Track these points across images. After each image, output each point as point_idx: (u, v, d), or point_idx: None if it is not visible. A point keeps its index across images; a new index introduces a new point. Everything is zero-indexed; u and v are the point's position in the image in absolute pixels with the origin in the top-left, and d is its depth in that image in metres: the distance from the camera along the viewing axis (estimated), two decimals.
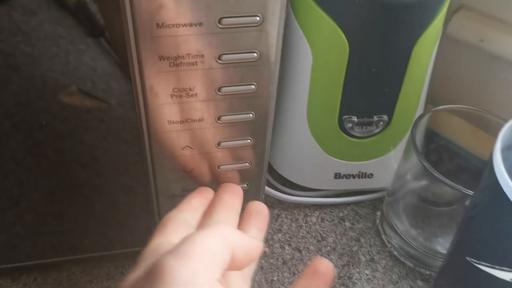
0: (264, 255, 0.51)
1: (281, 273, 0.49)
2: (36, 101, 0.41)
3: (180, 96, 0.32)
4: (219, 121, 0.34)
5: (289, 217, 0.53)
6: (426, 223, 0.50)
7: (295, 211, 0.54)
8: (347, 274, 0.49)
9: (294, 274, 0.50)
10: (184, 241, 0.27)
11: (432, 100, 0.54)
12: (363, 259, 0.50)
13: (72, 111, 0.43)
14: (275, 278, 0.49)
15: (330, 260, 0.51)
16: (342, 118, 0.46)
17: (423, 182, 0.49)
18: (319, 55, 0.43)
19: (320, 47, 0.43)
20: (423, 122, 0.48)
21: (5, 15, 0.37)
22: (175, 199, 0.40)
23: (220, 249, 0.27)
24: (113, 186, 0.53)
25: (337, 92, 0.45)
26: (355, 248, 0.51)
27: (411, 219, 0.50)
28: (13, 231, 0.49)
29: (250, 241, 0.30)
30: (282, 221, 0.53)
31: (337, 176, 0.51)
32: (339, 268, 0.50)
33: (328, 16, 0.40)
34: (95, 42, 0.41)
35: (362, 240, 0.52)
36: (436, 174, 0.42)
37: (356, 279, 0.49)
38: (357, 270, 0.50)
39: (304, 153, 0.51)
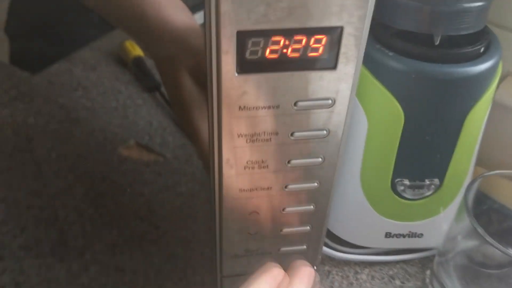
0: None
1: None
2: (97, 154, 0.44)
3: (253, 168, 0.34)
4: (286, 189, 0.36)
5: (340, 274, 0.54)
6: (476, 284, 0.50)
7: (345, 268, 0.54)
8: None
9: None
10: None
11: (481, 161, 0.54)
12: None
13: (131, 164, 0.46)
14: None
15: None
16: (395, 182, 0.48)
17: (474, 243, 0.49)
18: (374, 124, 0.45)
19: (376, 116, 0.45)
20: (475, 186, 0.49)
21: (66, 70, 0.40)
22: (238, 258, 0.42)
23: None
24: (171, 239, 0.55)
25: (390, 157, 0.47)
26: None
27: (461, 279, 0.50)
28: (78, 282, 0.51)
29: None
30: (333, 277, 0.53)
31: (388, 235, 0.52)
32: None
33: (385, 88, 0.43)
34: (151, 97, 0.44)
35: None
36: (489, 240, 0.43)
37: None
38: None
39: (357, 213, 0.52)
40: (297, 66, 0.29)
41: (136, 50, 0.52)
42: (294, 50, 0.29)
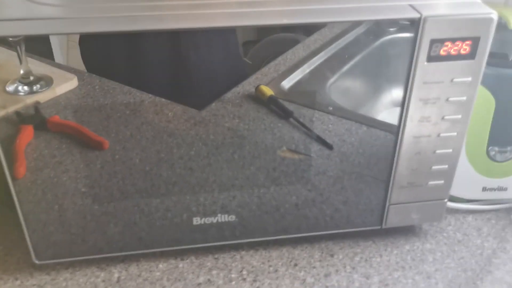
0: None
1: None
2: (264, 156, 0.55)
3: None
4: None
5: (452, 218, 0.68)
6: None
7: (455, 215, 0.68)
8: None
9: None
10: None
11: None
12: None
13: (290, 160, 0.56)
14: None
15: None
16: (488, 149, 0.65)
17: None
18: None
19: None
20: None
21: (221, 108, 0.51)
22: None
23: None
24: None
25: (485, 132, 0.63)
26: None
27: None
28: None
29: None
30: (448, 220, 0.67)
31: (484, 189, 0.67)
32: None
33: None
34: (286, 122, 0.54)
35: None
36: None
37: None
38: None
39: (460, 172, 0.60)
40: None
41: (269, 91, 0.56)
42: None
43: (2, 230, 0.63)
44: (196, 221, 0.57)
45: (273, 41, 0.51)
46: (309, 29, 0.51)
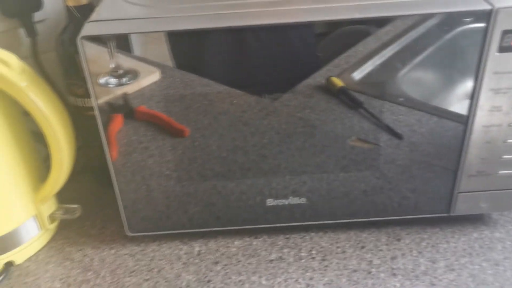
0: None
1: None
2: (334, 144, 0.56)
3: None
4: None
5: None
6: None
7: None
8: None
9: None
10: None
11: None
12: None
13: (359, 149, 0.56)
14: None
15: None
16: None
17: None
18: None
19: None
20: None
21: (293, 98, 0.52)
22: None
23: None
24: None
25: None
26: None
27: None
28: None
29: None
30: None
31: None
32: None
33: None
34: (356, 112, 0.54)
35: None
36: None
37: None
38: None
39: None
40: None
41: (339, 83, 0.56)
42: None
43: (99, 207, 0.69)
44: (269, 202, 0.59)
45: (343, 33, 0.51)
46: (380, 21, 0.50)
